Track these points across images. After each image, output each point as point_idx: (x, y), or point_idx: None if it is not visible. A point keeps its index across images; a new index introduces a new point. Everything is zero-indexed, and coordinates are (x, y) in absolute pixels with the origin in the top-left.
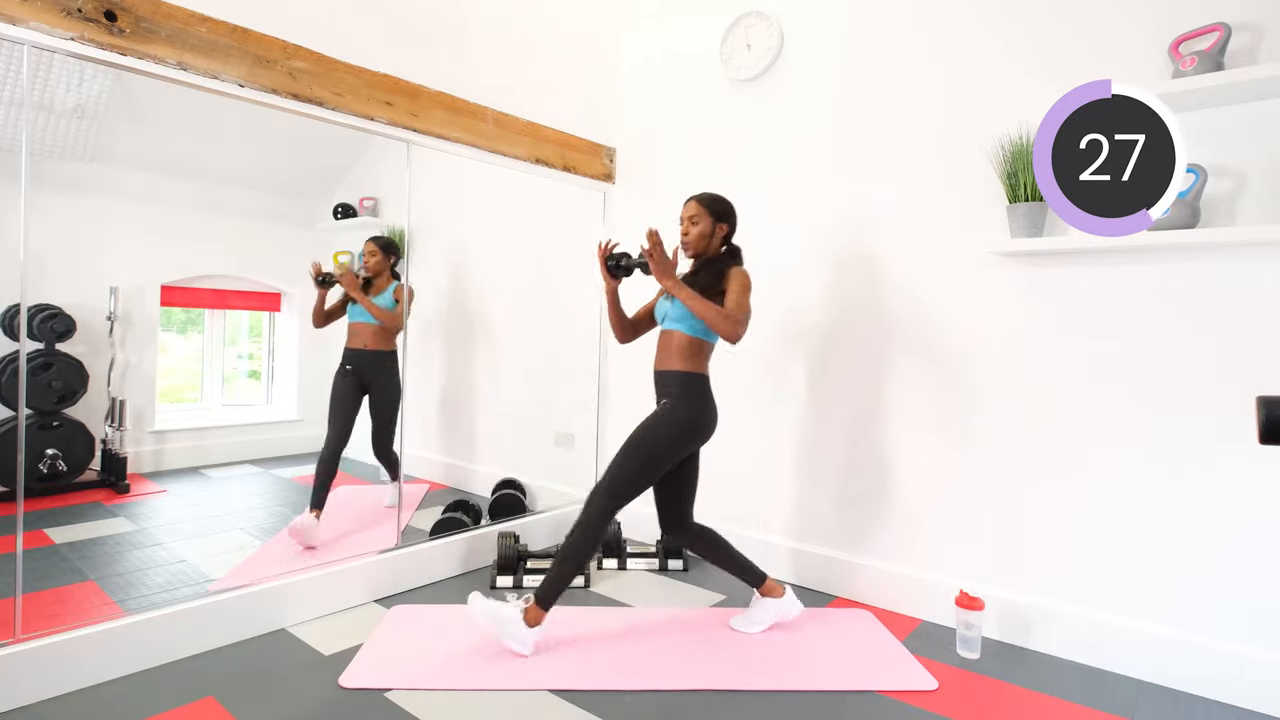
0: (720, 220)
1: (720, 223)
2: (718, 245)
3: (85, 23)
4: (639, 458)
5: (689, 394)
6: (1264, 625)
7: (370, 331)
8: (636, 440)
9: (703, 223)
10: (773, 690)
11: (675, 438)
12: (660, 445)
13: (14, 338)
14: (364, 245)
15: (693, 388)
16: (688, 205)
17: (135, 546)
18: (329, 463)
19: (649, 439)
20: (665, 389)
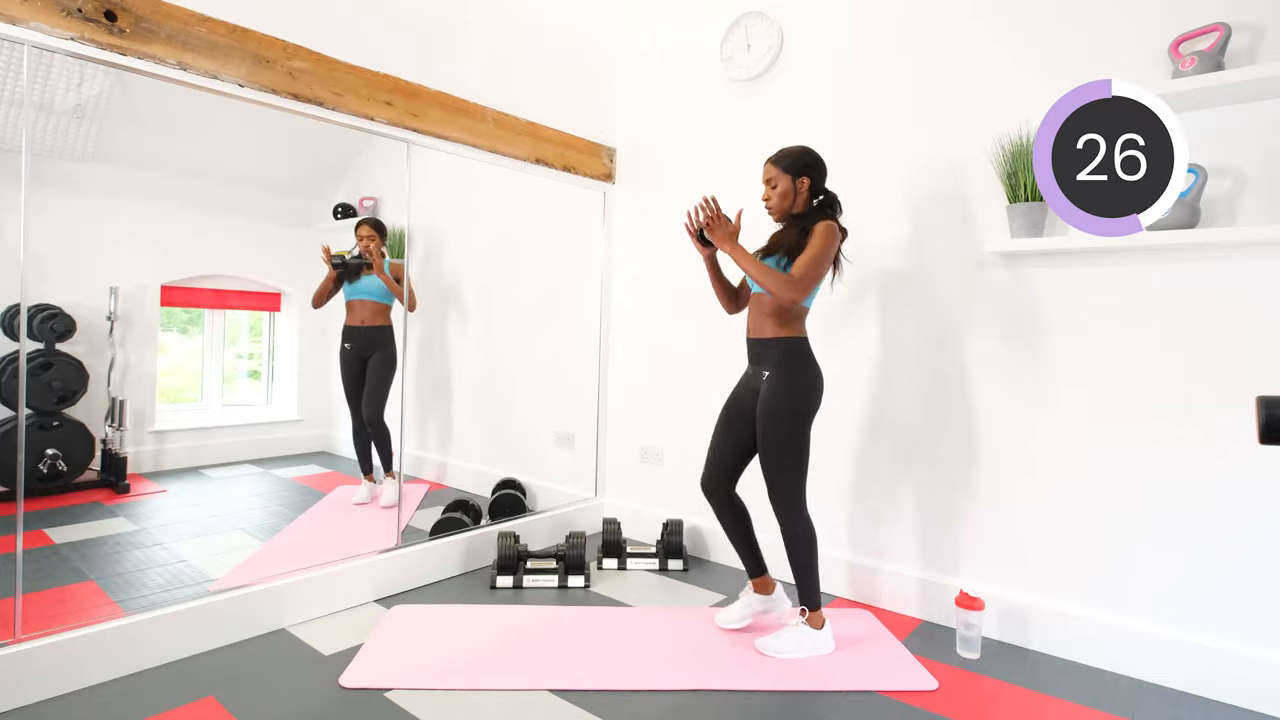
0: (801, 175)
1: (801, 177)
2: (805, 200)
3: (85, 23)
4: (788, 445)
5: (791, 361)
6: (1264, 625)
7: (369, 307)
8: (772, 432)
9: (781, 183)
10: (773, 690)
11: (803, 409)
12: (796, 422)
13: (14, 338)
14: (359, 229)
15: (794, 353)
16: (765, 168)
17: (135, 546)
18: (360, 434)
19: (783, 426)
20: (759, 358)
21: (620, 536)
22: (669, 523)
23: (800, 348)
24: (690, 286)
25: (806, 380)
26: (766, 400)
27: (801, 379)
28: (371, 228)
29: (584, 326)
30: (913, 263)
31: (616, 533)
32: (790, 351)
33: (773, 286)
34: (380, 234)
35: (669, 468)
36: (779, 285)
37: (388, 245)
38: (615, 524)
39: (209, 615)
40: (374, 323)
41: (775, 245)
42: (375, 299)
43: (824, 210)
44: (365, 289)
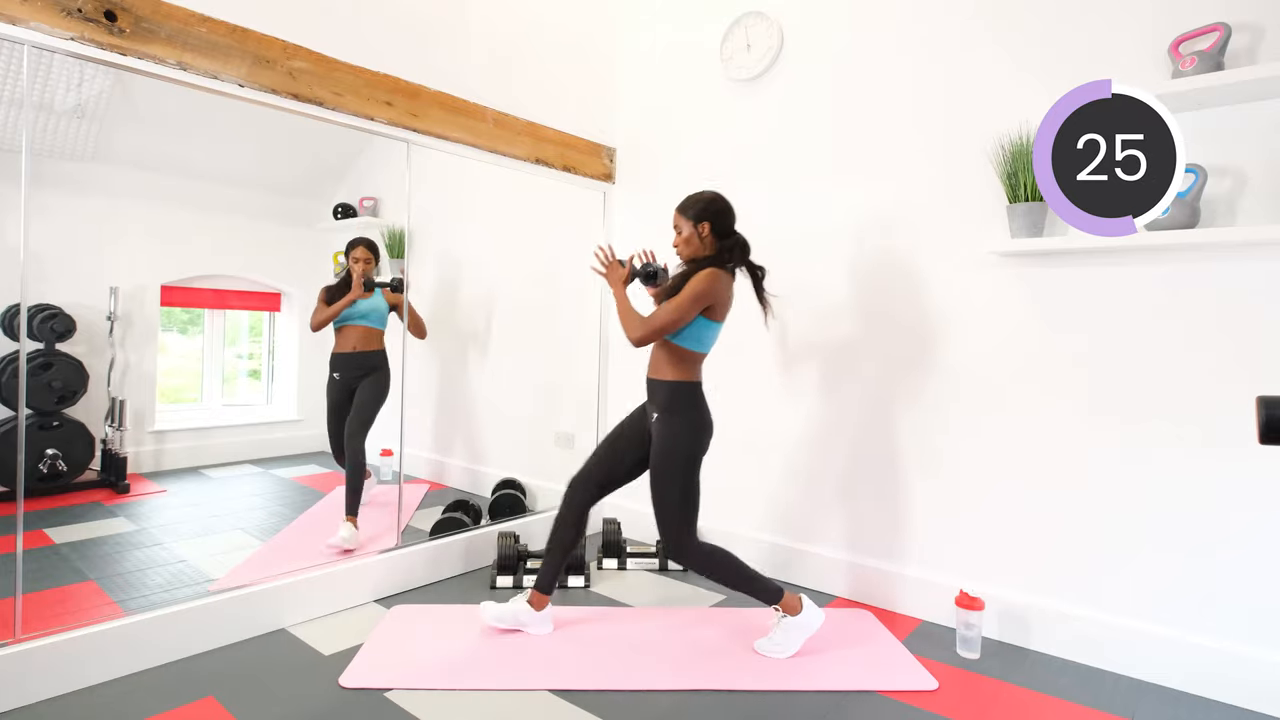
0: (699, 220)
1: (700, 222)
2: (709, 244)
3: (85, 23)
4: (676, 487)
5: (680, 405)
6: (1264, 625)
7: (361, 334)
8: (661, 476)
9: (684, 228)
10: (773, 690)
11: (692, 452)
12: (685, 464)
13: (14, 338)
14: (356, 250)
15: (682, 398)
16: (674, 216)
17: (135, 546)
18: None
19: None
20: (652, 397)
21: (620, 536)
22: None
23: (688, 392)
24: None
25: (692, 424)
26: (657, 445)
27: (687, 423)
28: (367, 248)
29: (584, 326)
30: (912, 262)
31: (616, 533)
32: (677, 394)
33: (622, 325)
34: (375, 254)
35: None
36: (626, 326)
37: (386, 246)
38: (615, 524)
39: (209, 615)
40: (366, 347)
41: (669, 289)
42: (370, 324)
43: (720, 256)
44: (360, 313)
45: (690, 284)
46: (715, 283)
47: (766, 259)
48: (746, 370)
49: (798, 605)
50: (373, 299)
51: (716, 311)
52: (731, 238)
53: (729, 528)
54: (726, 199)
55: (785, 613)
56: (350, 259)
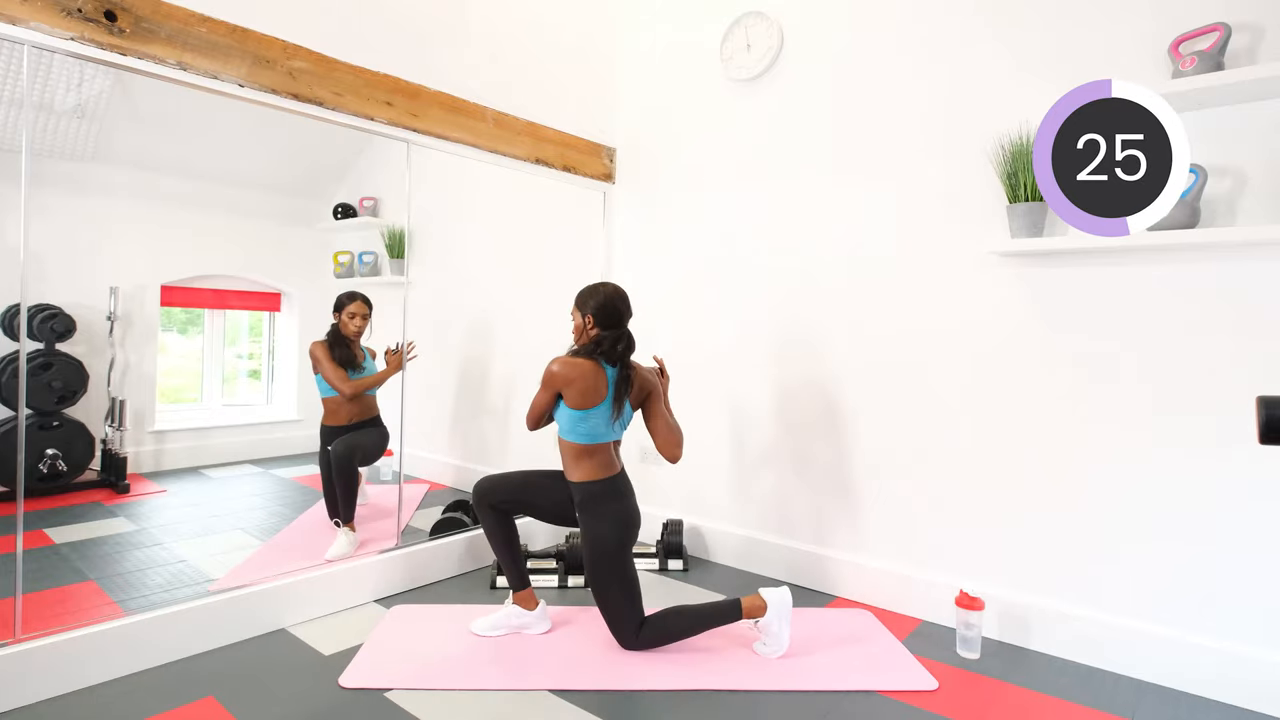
0: (586, 312)
1: (586, 314)
2: (592, 335)
3: (85, 23)
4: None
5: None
6: (1264, 625)
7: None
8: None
9: (575, 319)
10: (773, 690)
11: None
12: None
13: (14, 338)
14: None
15: (593, 497)
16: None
17: (135, 546)
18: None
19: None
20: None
21: None
22: (669, 523)
23: (601, 491)
24: (690, 286)
25: (614, 522)
26: (587, 546)
27: (608, 523)
28: (366, 305)
29: None
30: (912, 262)
31: None
32: (590, 495)
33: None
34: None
35: (669, 468)
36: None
37: (386, 246)
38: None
39: (209, 615)
40: (364, 417)
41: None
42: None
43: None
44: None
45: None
46: (561, 370)
47: (766, 259)
48: (745, 371)
49: (760, 603)
50: (369, 363)
51: (575, 399)
52: (610, 335)
53: (729, 528)
54: (621, 294)
55: (756, 615)
56: (350, 314)
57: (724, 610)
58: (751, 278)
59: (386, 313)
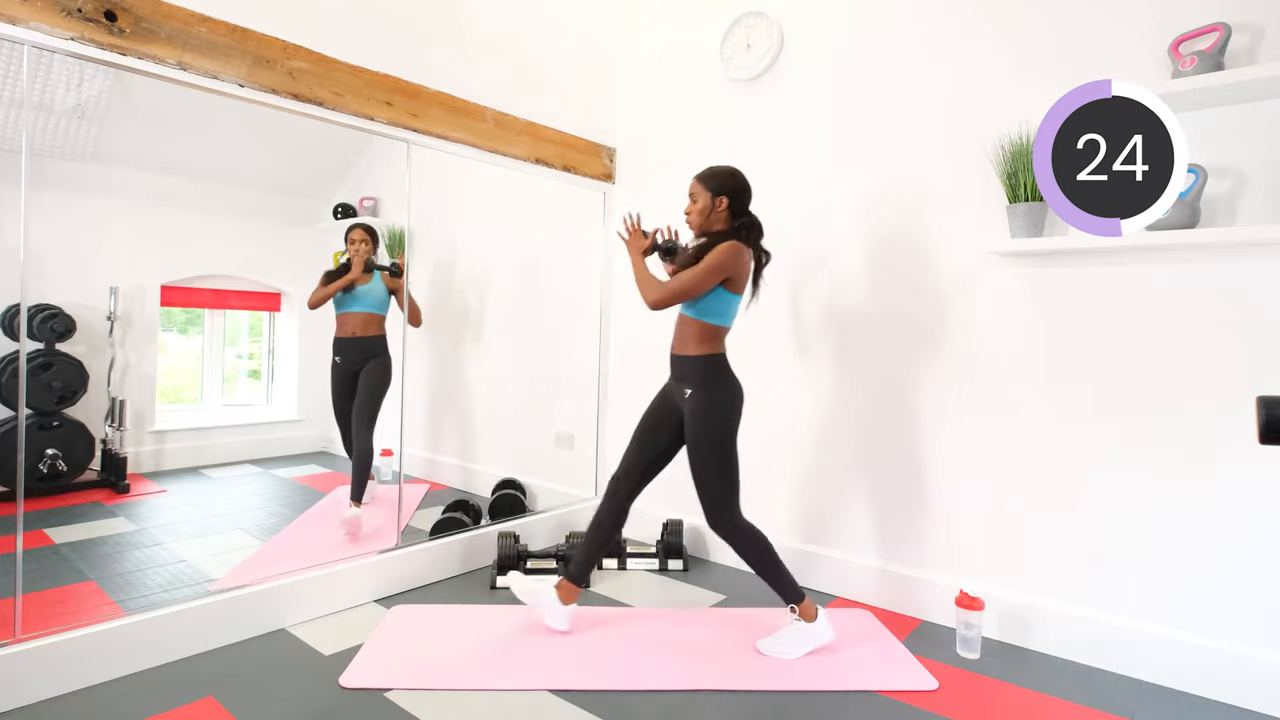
0: (719, 193)
1: (719, 195)
2: (724, 219)
3: (85, 23)
4: (716, 462)
5: (709, 380)
6: (1264, 625)
7: (361, 320)
8: (699, 451)
9: (701, 199)
10: (773, 690)
11: (726, 425)
12: (720, 438)
13: (14, 338)
14: (354, 233)
15: (710, 372)
16: (690, 184)
17: (135, 546)
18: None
19: (709, 445)
20: (681, 374)
21: (620, 536)
22: (669, 523)
23: (717, 364)
24: None
25: (726, 398)
26: (692, 422)
27: (721, 397)
28: (365, 231)
29: (584, 326)
30: (912, 262)
31: None
32: (707, 368)
33: (640, 290)
34: (373, 239)
35: (669, 468)
36: (642, 289)
37: (386, 246)
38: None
39: (209, 615)
40: (366, 333)
41: (687, 260)
42: (369, 309)
43: (738, 232)
44: (358, 299)
45: (711, 255)
46: (738, 256)
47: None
48: (743, 371)
49: (814, 613)
50: (371, 284)
51: (736, 284)
52: (747, 216)
53: None
54: (746, 178)
55: (801, 617)
56: (348, 242)
57: (792, 585)
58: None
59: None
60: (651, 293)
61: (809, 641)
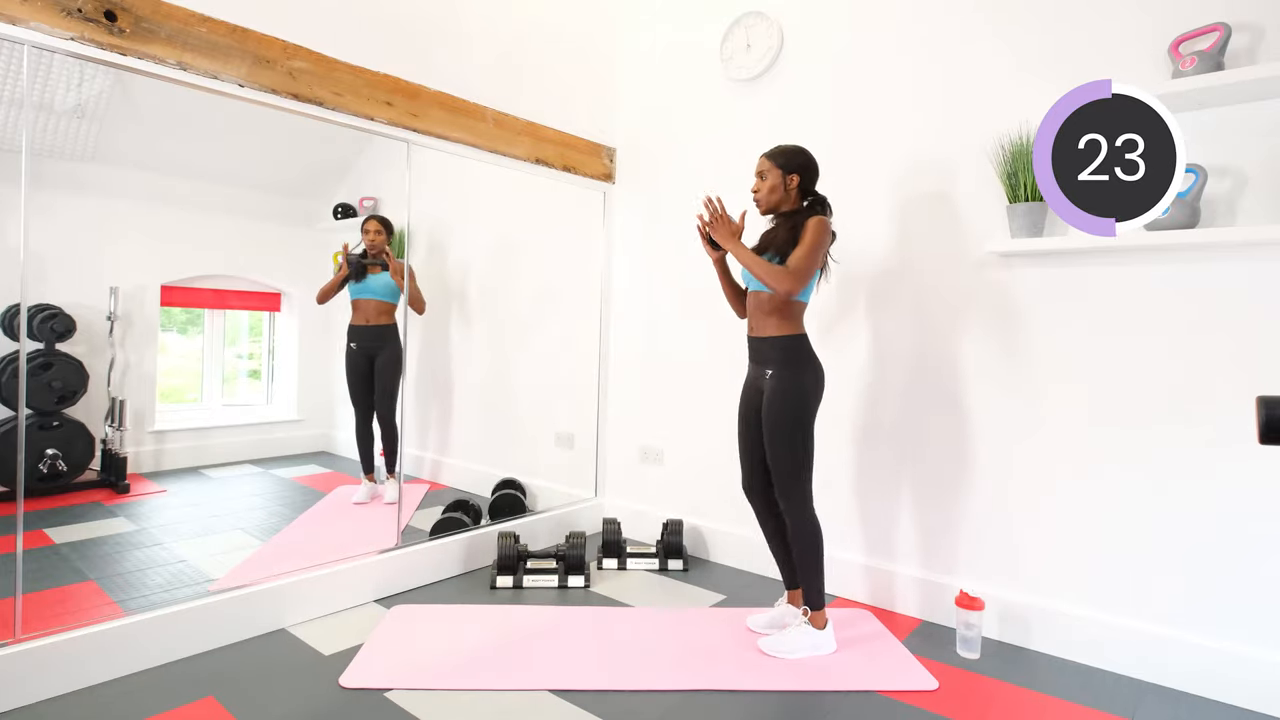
0: (791, 171)
1: (791, 174)
2: (795, 198)
3: (85, 23)
4: (794, 441)
5: (791, 359)
6: (1264, 625)
7: (374, 306)
8: (778, 428)
9: (771, 176)
10: (773, 690)
11: (808, 404)
12: (802, 416)
13: (14, 338)
14: (367, 224)
15: (793, 351)
16: (759, 161)
17: (135, 546)
18: (361, 435)
19: (788, 422)
20: (762, 356)
21: (620, 536)
22: (669, 523)
23: (801, 344)
24: (690, 286)
25: (808, 378)
26: (771, 400)
27: (803, 378)
28: (380, 223)
29: (584, 326)
30: (912, 262)
31: (616, 533)
32: (791, 349)
33: (770, 280)
34: (387, 230)
35: (669, 468)
36: (776, 278)
37: (390, 244)
38: (615, 524)
39: (209, 615)
40: (379, 321)
41: (767, 244)
42: (381, 298)
43: (814, 209)
44: (371, 288)
45: (810, 233)
46: (829, 232)
47: None
48: (742, 368)
49: (824, 623)
50: (382, 274)
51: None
52: (817, 195)
53: (729, 528)
54: (814, 156)
55: (811, 623)
56: (363, 233)
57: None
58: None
59: None
60: (786, 281)
61: (810, 648)
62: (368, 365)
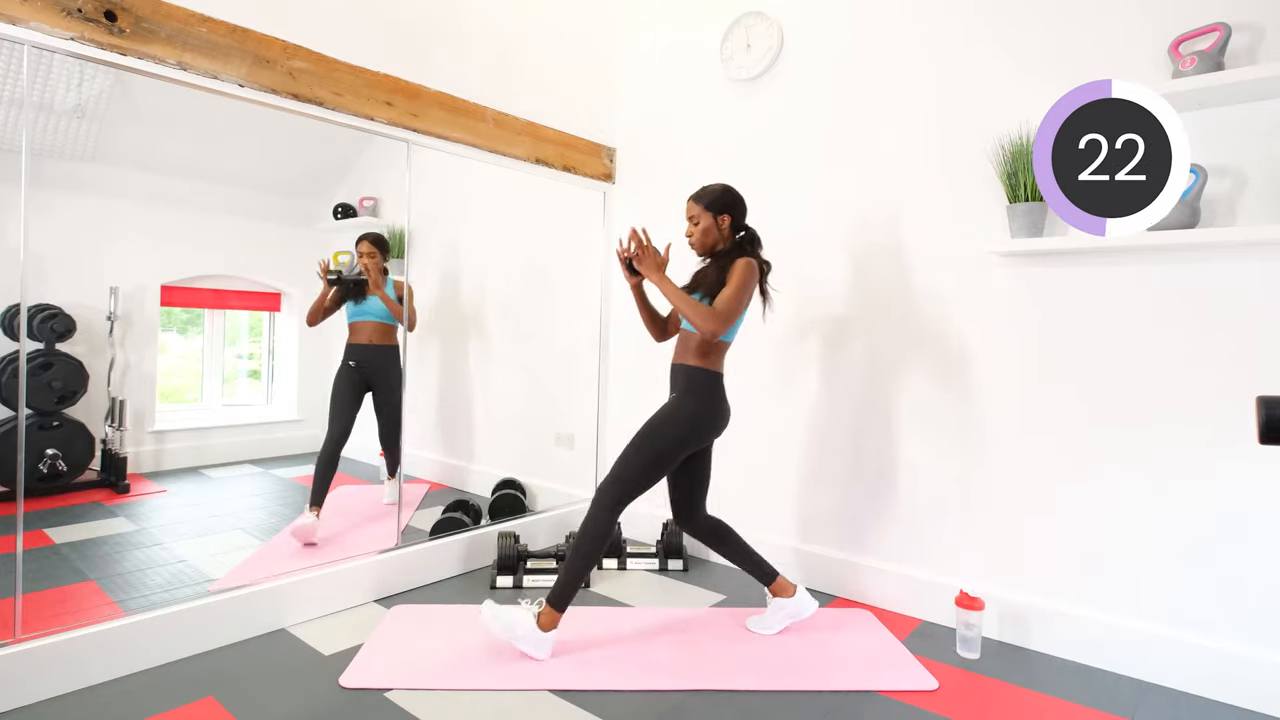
0: (721, 212)
1: (721, 215)
2: (727, 236)
3: (85, 23)
4: (645, 454)
5: (696, 389)
6: (1264, 625)
7: (373, 327)
8: (643, 437)
9: (703, 220)
10: (773, 690)
11: (682, 436)
12: (667, 441)
13: (14, 338)
14: (359, 245)
15: (700, 382)
16: (688, 205)
17: (135, 546)
18: (329, 460)
19: (655, 435)
20: (675, 382)
21: (620, 536)
22: (669, 523)
23: (712, 381)
24: None
25: (703, 412)
26: (658, 413)
27: (698, 410)
28: (372, 244)
29: (584, 326)
30: (912, 263)
31: (617, 533)
32: (700, 380)
33: (697, 319)
34: (381, 250)
35: None
36: (703, 317)
37: (387, 260)
38: (616, 524)
39: (209, 615)
40: (380, 342)
41: (697, 283)
42: (379, 319)
43: (743, 247)
44: (369, 309)
45: (736, 275)
46: (755, 272)
47: (766, 259)
48: (744, 372)
49: (791, 590)
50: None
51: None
52: (747, 230)
53: None
54: (739, 192)
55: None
56: (356, 254)
57: (762, 567)
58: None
59: None
60: (710, 321)
61: (786, 616)
62: (363, 386)
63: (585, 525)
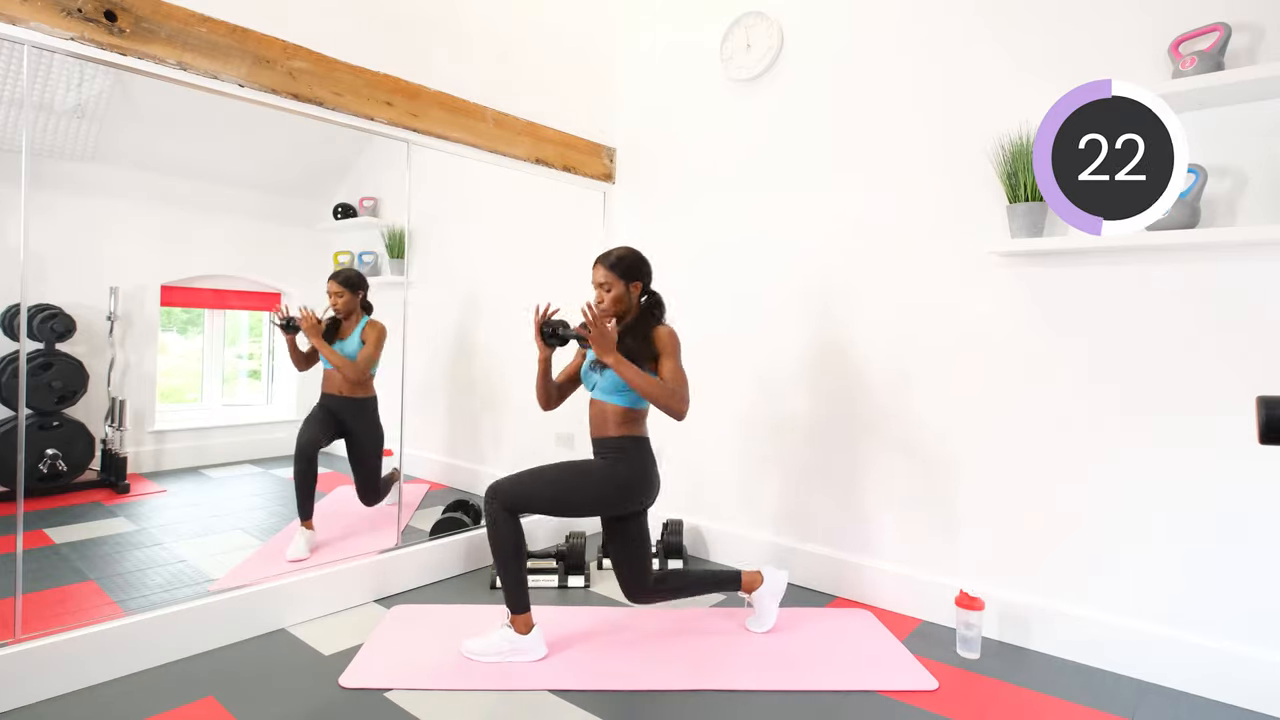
0: (632, 280)
1: (633, 282)
2: (636, 303)
3: (85, 23)
4: (559, 490)
5: (631, 458)
6: (1264, 625)
7: (343, 377)
8: (564, 472)
9: (615, 288)
10: (773, 690)
11: (605, 495)
12: (586, 494)
13: (14, 338)
14: (327, 285)
15: (634, 452)
16: (595, 270)
17: (135, 546)
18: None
19: (580, 482)
20: (603, 453)
21: None
22: (669, 523)
23: (645, 448)
24: (690, 287)
25: (638, 478)
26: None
27: (632, 475)
28: (341, 284)
29: None
30: (912, 262)
31: None
32: (633, 449)
33: (673, 406)
34: (351, 288)
35: (669, 468)
36: (679, 401)
37: (387, 246)
38: None
39: (209, 615)
40: (351, 393)
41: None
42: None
43: (653, 313)
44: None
45: (668, 343)
46: (679, 340)
47: (765, 259)
48: (745, 372)
49: (759, 579)
50: (350, 338)
51: None
52: (653, 295)
53: (729, 528)
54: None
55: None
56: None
57: (727, 579)
58: (751, 278)
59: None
60: (684, 403)
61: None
62: (334, 428)
63: (494, 535)
